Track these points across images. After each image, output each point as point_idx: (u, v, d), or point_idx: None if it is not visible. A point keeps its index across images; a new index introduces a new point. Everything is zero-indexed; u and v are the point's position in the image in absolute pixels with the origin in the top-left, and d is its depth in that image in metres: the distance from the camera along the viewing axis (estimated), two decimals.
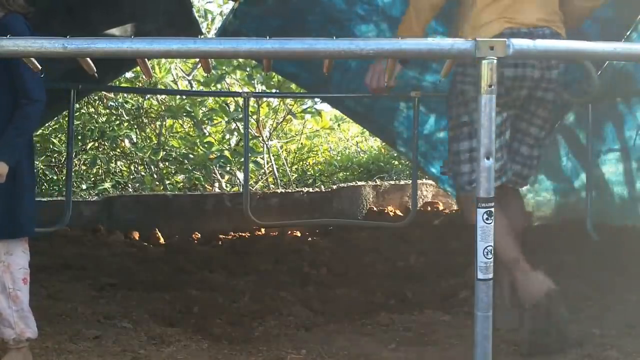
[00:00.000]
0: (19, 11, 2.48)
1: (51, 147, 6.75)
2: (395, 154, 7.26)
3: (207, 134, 7.20)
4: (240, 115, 6.35)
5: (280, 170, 7.34)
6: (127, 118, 7.04)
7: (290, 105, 7.32)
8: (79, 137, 6.70)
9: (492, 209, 1.89)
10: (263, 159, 7.01)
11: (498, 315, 2.70)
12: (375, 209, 5.95)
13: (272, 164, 7.10)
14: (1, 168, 2.37)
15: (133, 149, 6.94)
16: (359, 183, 6.27)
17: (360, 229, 5.32)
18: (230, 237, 5.24)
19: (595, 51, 2.03)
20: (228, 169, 6.89)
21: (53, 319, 3.08)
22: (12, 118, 2.42)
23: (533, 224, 5.50)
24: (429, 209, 6.06)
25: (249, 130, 5.58)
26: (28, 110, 2.44)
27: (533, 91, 3.00)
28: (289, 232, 5.36)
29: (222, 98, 7.02)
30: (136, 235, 5.07)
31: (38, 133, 6.34)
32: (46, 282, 3.61)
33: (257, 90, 6.71)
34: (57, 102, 4.80)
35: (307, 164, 8.02)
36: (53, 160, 6.88)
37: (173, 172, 7.05)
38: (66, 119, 5.38)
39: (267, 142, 7.10)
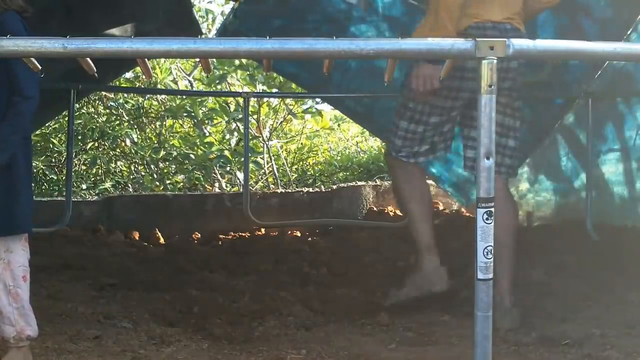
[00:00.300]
0: (16, 10, 2.48)
1: (51, 147, 6.75)
2: None
3: (207, 134, 7.20)
4: (241, 115, 6.35)
5: (280, 170, 7.34)
6: (127, 118, 7.05)
7: (290, 105, 7.33)
8: (79, 137, 6.70)
9: (492, 209, 1.89)
10: (263, 159, 7.01)
11: (497, 314, 2.79)
12: (375, 209, 5.95)
13: (272, 164, 7.09)
14: None
15: (133, 149, 6.94)
16: (359, 183, 6.27)
17: (360, 229, 5.32)
18: (230, 237, 5.23)
19: (595, 51, 2.03)
20: (228, 169, 6.89)
21: (53, 319, 3.08)
22: (6, 116, 2.43)
23: (533, 224, 5.50)
24: None
25: (249, 130, 5.58)
26: (21, 107, 2.45)
27: None
28: (289, 232, 5.36)
29: (223, 98, 7.02)
30: (136, 235, 5.07)
31: (38, 133, 6.34)
32: (46, 282, 3.61)
33: (258, 90, 6.72)
34: (57, 102, 4.80)
35: (307, 164, 8.01)
36: (53, 160, 6.88)
37: (173, 172, 7.05)
38: (66, 119, 5.38)
39: (267, 142, 7.10)
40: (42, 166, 6.50)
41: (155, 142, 7.02)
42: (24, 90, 2.45)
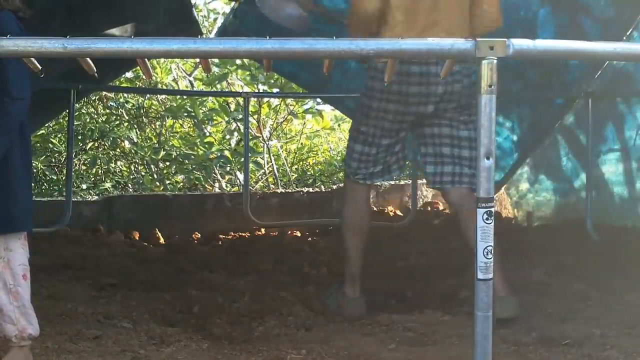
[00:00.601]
0: (12, 10, 2.48)
1: (51, 147, 6.75)
2: None
3: (208, 134, 7.20)
4: (241, 116, 6.35)
5: (280, 170, 7.34)
6: (127, 118, 7.05)
7: (291, 105, 7.32)
8: (79, 137, 6.70)
9: (492, 209, 1.89)
10: (263, 159, 7.01)
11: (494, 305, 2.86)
12: (375, 209, 5.94)
13: (272, 164, 7.09)
14: None
15: (133, 149, 6.94)
16: None
17: None
18: (230, 237, 5.23)
19: (595, 51, 2.03)
20: (228, 169, 6.89)
21: (53, 319, 3.08)
22: None
23: (533, 224, 5.50)
24: (429, 209, 6.06)
25: (249, 130, 5.58)
26: (10, 108, 2.44)
27: (439, 104, 3.28)
28: (289, 232, 5.36)
29: (223, 98, 7.02)
30: (136, 235, 5.07)
31: (38, 133, 6.34)
32: (46, 282, 3.61)
33: (259, 90, 6.72)
34: (57, 102, 4.80)
35: (307, 164, 8.01)
36: (53, 160, 6.88)
37: (173, 172, 7.05)
38: (66, 119, 5.37)
39: (267, 142, 7.10)
40: (42, 166, 6.50)
41: (155, 142, 7.02)
42: (12, 90, 2.44)
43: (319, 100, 6.84)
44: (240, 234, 5.31)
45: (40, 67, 2.00)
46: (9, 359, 2.50)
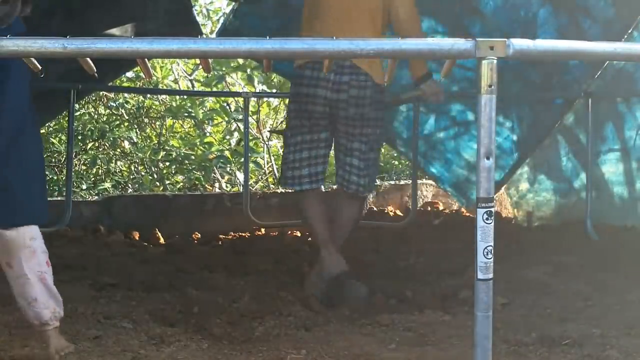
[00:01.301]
0: None
1: (51, 147, 6.75)
2: (395, 154, 7.26)
3: (208, 134, 7.20)
4: (241, 116, 6.35)
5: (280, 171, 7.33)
6: (127, 118, 7.05)
7: None
8: (79, 137, 6.70)
9: (492, 209, 1.89)
10: (263, 159, 7.01)
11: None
12: (375, 209, 5.95)
13: (272, 164, 7.10)
14: None
15: (133, 149, 6.94)
16: None
17: (360, 229, 5.31)
18: (230, 237, 5.23)
19: (595, 51, 2.02)
20: (228, 169, 6.89)
21: None
22: None
23: (533, 224, 5.50)
24: (429, 209, 6.06)
25: (249, 130, 5.59)
26: None
27: (327, 108, 3.54)
28: (289, 232, 5.36)
29: (223, 98, 7.03)
30: (136, 235, 5.07)
31: None
32: None
33: (257, 90, 6.72)
34: (57, 102, 4.81)
35: None
36: (53, 160, 6.89)
37: (173, 172, 7.05)
38: (66, 119, 5.38)
39: (267, 142, 7.10)
40: None
41: (155, 142, 7.02)
42: None
43: None
44: (240, 234, 5.31)
45: (40, 67, 2.01)
46: (55, 340, 2.62)
